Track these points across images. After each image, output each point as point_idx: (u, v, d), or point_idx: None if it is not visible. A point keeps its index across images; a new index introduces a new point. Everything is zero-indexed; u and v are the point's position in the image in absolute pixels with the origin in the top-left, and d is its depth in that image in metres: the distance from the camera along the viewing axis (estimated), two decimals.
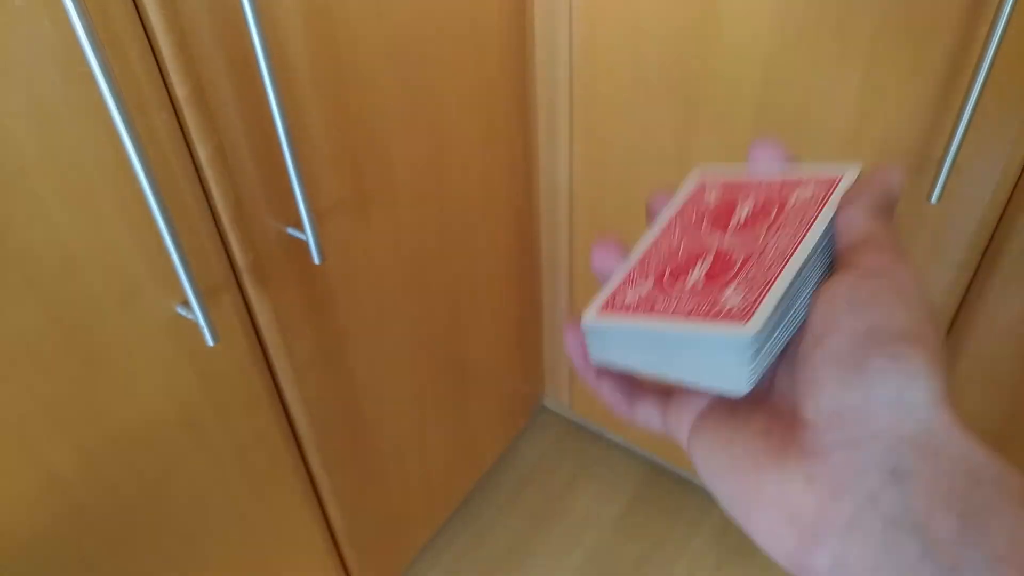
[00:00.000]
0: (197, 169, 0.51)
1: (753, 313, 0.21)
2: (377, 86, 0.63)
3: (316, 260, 0.59)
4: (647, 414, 0.26)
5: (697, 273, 0.24)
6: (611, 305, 0.25)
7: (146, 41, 0.45)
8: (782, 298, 0.22)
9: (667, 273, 0.25)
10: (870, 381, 0.18)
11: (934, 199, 0.65)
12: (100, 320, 0.49)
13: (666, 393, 0.26)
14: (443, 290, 0.83)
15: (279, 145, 0.53)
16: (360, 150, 0.64)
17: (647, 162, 0.84)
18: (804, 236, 0.23)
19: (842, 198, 0.24)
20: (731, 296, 0.22)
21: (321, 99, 0.58)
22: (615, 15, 0.75)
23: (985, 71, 0.57)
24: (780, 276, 0.22)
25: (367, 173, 0.65)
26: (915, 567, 0.16)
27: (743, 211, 0.26)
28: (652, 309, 0.24)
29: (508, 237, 0.93)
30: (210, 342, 0.53)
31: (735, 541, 1.09)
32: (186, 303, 0.52)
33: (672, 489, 1.16)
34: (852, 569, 0.17)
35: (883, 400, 0.18)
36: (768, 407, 0.22)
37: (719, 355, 0.22)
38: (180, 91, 0.48)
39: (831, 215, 0.24)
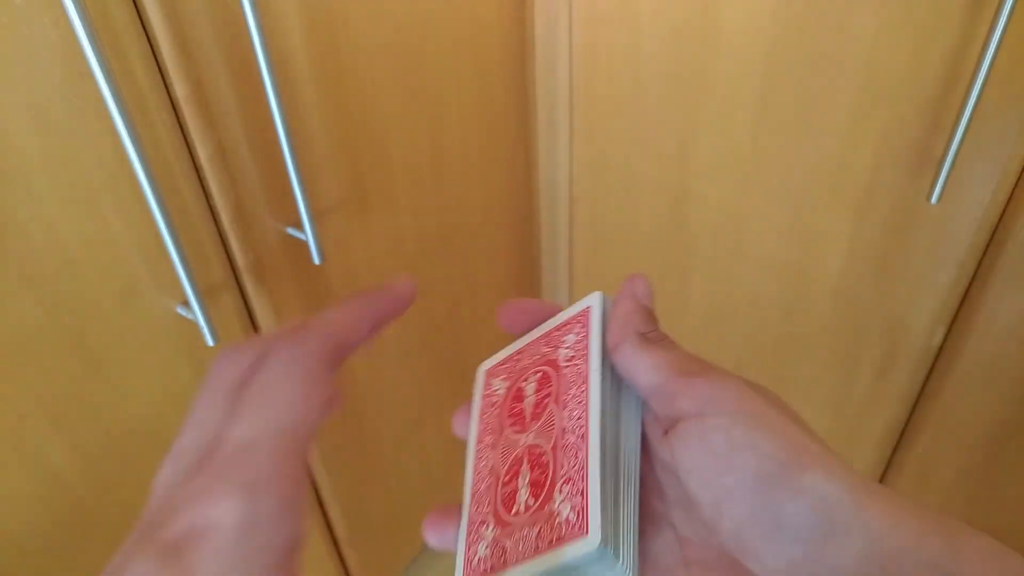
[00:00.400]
0: (197, 169, 0.51)
1: (587, 520, 0.21)
2: (377, 86, 0.63)
3: (316, 260, 0.59)
4: None
5: (523, 492, 0.24)
6: (471, 572, 0.25)
7: (146, 41, 0.45)
8: (603, 484, 0.21)
9: (499, 504, 0.25)
10: (796, 528, 0.18)
11: (934, 199, 0.65)
12: (100, 320, 0.49)
13: None
14: (443, 290, 0.83)
15: (279, 145, 0.53)
16: (360, 150, 0.64)
17: (647, 162, 0.84)
18: (587, 400, 0.23)
19: (611, 344, 0.24)
20: (561, 506, 0.22)
21: (321, 99, 0.58)
22: (615, 15, 0.75)
23: (985, 71, 0.57)
24: (589, 463, 0.22)
25: (367, 173, 0.65)
26: None
27: (529, 391, 0.27)
28: (505, 560, 0.23)
29: (508, 237, 0.93)
30: (210, 342, 0.52)
31: None
32: (186, 303, 0.52)
33: None
34: None
35: (818, 536, 0.18)
36: (700, 566, 0.22)
37: (590, 566, 0.21)
38: (180, 91, 0.48)
39: (598, 352, 0.24)
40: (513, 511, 0.24)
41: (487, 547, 0.24)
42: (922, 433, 0.85)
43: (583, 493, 0.22)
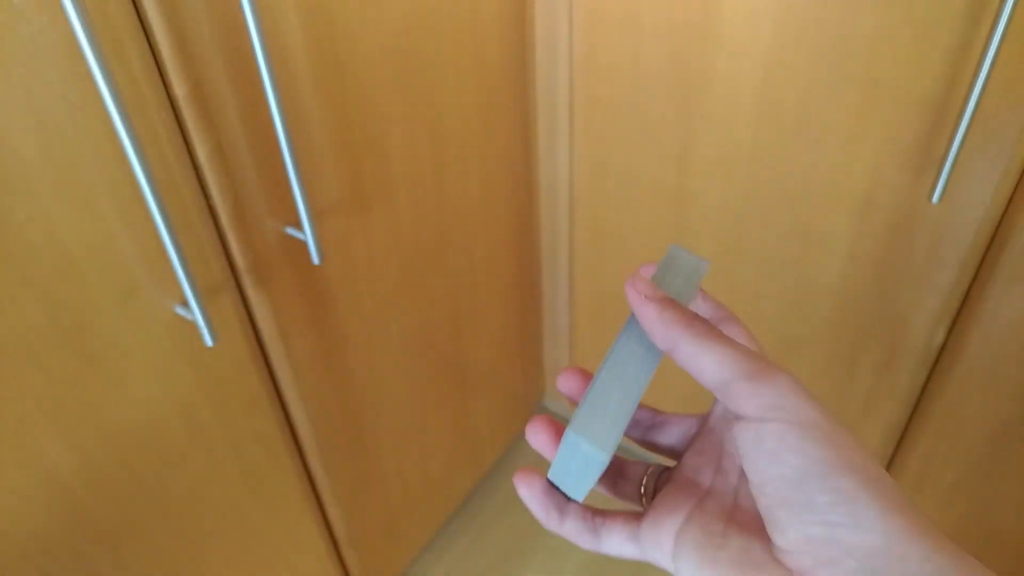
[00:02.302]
0: (196, 169, 0.51)
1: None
2: (376, 86, 0.62)
3: (315, 260, 0.59)
4: (615, 540, 0.28)
5: None
6: None
7: (145, 40, 0.45)
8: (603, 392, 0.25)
9: None
10: (824, 513, 0.21)
11: (935, 199, 0.65)
12: (98, 320, 0.49)
13: (634, 518, 0.28)
14: (443, 290, 0.83)
15: (278, 145, 0.53)
16: (359, 150, 0.64)
17: (647, 162, 0.84)
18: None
19: (669, 334, 0.25)
20: None
21: (320, 99, 0.58)
22: (615, 15, 0.75)
23: (986, 70, 0.57)
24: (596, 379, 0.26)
25: (366, 173, 0.65)
26: None
27: None
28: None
29: (508, 237, 0.93)
30: (209, 342, 0.52)
31: None
32: (185, 303, 0.52)
33: None
34: None
35: (841, 524, 0.21)
36: (739, 524, 0.25)
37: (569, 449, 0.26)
38: (179, 90, 0.48)
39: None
40: None
41: None
42: (923, 433, 0.85)
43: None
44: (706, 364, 0.24)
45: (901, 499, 0.22)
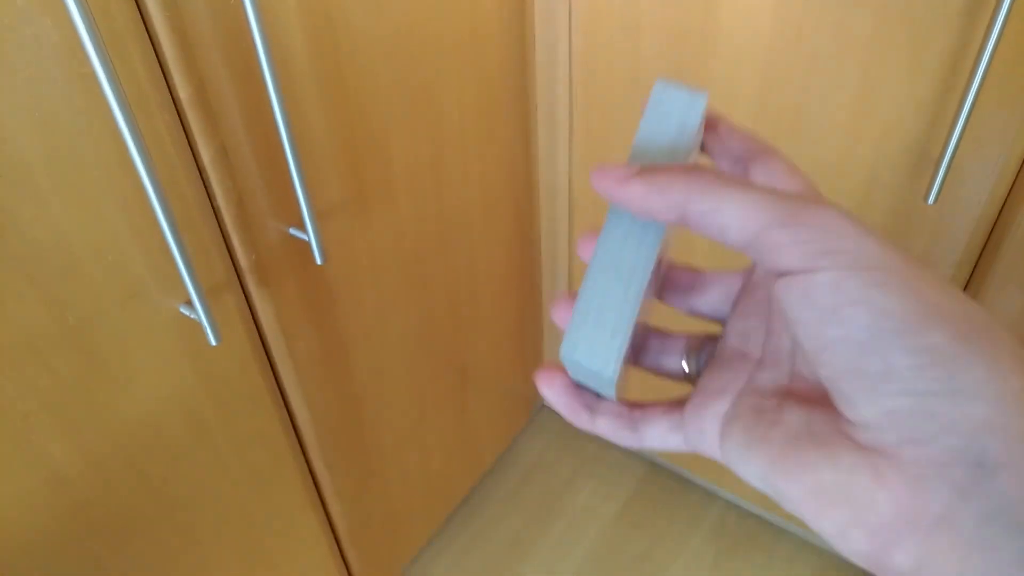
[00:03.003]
0: (199, 169, 0.51)
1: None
2: (378, 87, 0.63)
3: (318, 260, 0.60)
4: (657, 432, 0.24)
5: None
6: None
7: (148, 42, 0.45)
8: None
9: None
10: (910, 381, 0.16)
11: (931, 199, 0.65)
12: (103, 319, 0.49)
13: (676, 405, 0.24)
14: (443, 290, 0.84)
15: (281, 146, 0.53)
16: (361, 151, 0.64)
17: None
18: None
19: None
20: None
21: (322, 100, 0.58)
22: (615, 15, 0.76)
23: (983, 71, 0.57)
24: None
25: (368, 173, 0.66)
26: (1012, 568, 0.15)
27: None
28: None
29: (508, 237, 0.93)
30: (212, 341, 0.53)
31: (733, 539, 1.09)
32: (188, 303, 0.53)
33: (671, 487, 1.17)
34: (939, 570, 0.16)
35: (934, 392, 0.16)
36: (798, 396, 0.20)
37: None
38: (183, 92, 0.48)
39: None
40: None
41: None
42: None
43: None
44: (728, 220, 0.18)
45: (1018, 353, 0.16)
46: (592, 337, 0.21)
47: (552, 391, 0.24)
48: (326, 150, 0.60)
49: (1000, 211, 0.67)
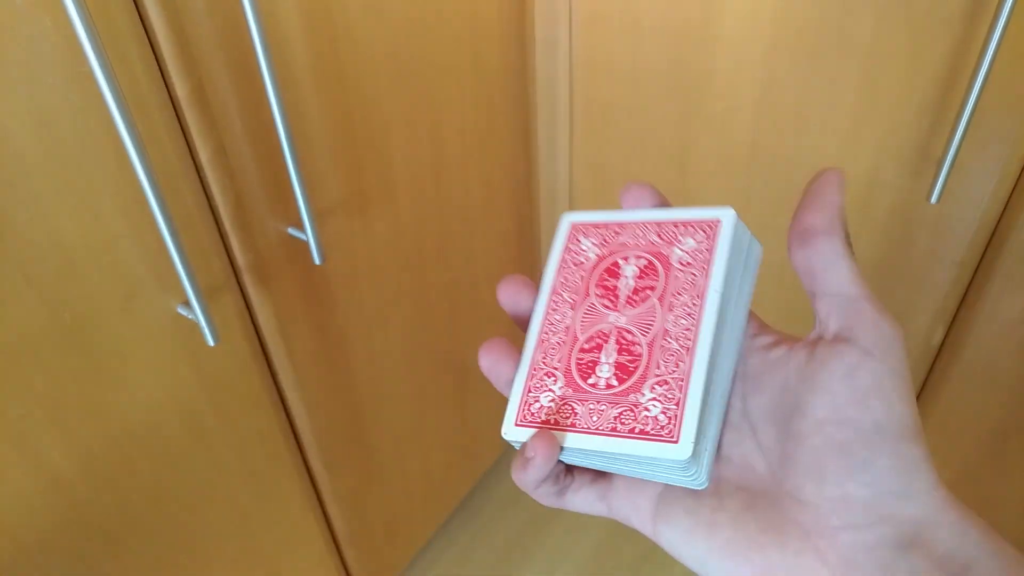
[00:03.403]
0: (197, 169, 0.51)
1: (680, 429, 0.22)
2: (377, 86, 0.63)
3: (317, 260, 0.59)
4: (581, 500, 0.25)
5: (606, 368, 0.25)
6: (527, 415, 0.25)
7: (147, 40, 0.45)
8: (702, 403, 0.22)
9: (574, 367, 0.25)
10: (879, 477, 0.20)
11: (934, 199, 0.65)
12: (101, 320, 0.49)
13: (603, 475, 0.25)
14: (443, 290, 0.83)
15: (279, 145, 0.53)
16: (360, 150, 0.64)
17: (647, 163, 0.84)
18: (700, 316, 0.24)
19: (809, 224, 0.23)
20: (651, 403, 0.23)
21: (321, 99, 0.58)
22: (615, 16, 0.76)
23: (985, 71, 0.57)
24: (692, 379, 0.23)
25: (367, 173, 0.65)
26: None
27: (628, 272, 0.26)
28: (574, 422, 0.24)
29: (508, 237, 0.93)
30: (211, 342, 0.53)
31: None
32: (187, 303, 0.52)
33: None
34: None
35: (890, 491, 0.20)
36: (740, 484, 0.23)
37: (664, 467, 0.22)
38: (181, 91, 0.48)
39: (722, 272, 0.24)
40: (590, 381, 0.25)
41: (552, 400, 0.25)
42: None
43: (679, 404, 0.22)
44: (842, 271, 0.22)
45: (934, 465, 0.21)
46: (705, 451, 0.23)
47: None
48: (325, 149, 0.60)
49: (1003, 210, 0.67)
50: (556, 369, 0.25)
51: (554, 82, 0.85)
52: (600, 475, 0.25)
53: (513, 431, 0.25)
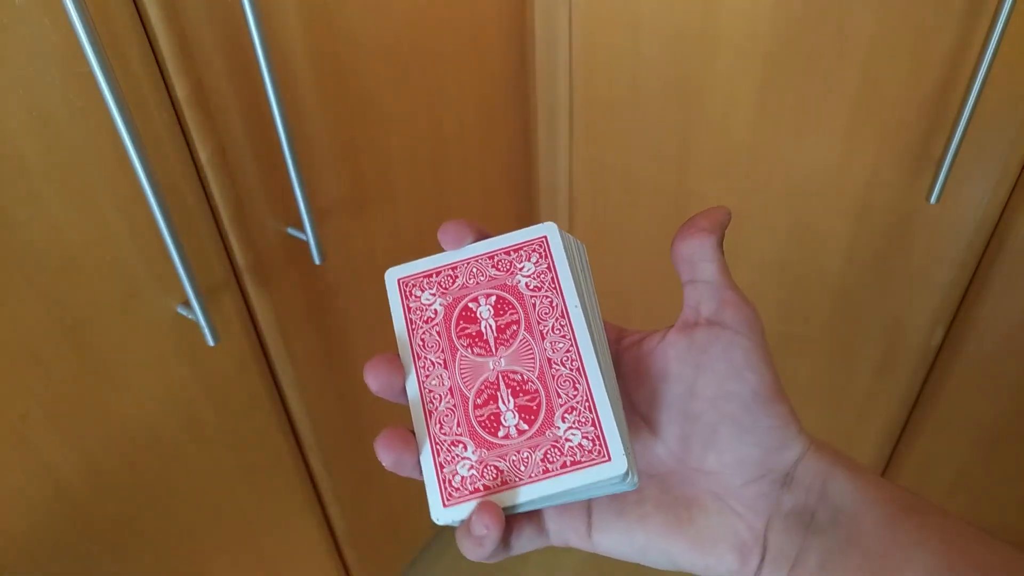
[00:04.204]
0: (197, 169, 0.51)
1: (607, 447, 0.23)
2: (377, 86, 0.63)
3: (316, 260, 0.59)
4: (524, 542, 0.25)
5: (510, 416, 0.24)
6: (452, 492, 0.24)
7: (146, 41, 0.45)
8: (614, 414, 0.24)
9: (477, 426, 0.25)
10: (762, 436, 0.24)
11: (933, 199, 0.65)
12: (100, 320, 0.49)
13: (535, 512, 0.25)
14: None
15: (279, 145, 0.53)
16: (360, 150, 0.64)
17: (647, 163, 0.84)
18: (572, 334, 0.25)
19: (698, 226, 0.25)
20: (569, 433, 0.24)
21: (321, 99, 0.58)
22: (615, 16, 0.76)
23: (984, 71, 0.57)
24: (595, 396, 0.24)
25: (367, 173, 0.66)
26: (805, 537, 0.23)
27: (485, 313, 0.26)
28: (503, 480, 0.24)
29: None
30: (211, 342, 0.53)
31: None
32: (186, 303, 0.52)
33: None
34: (776, 554, 0.24)
35: (772, 447, 0.24)
36: (649, 472, 0.25)
37: (605, 485, 0.23)
38: (180, 91, 0.48)
39: (571, 286, 0.25)
40: (501, 434, 0.24)
41: (471, 467, 0.24)
42: (921, 433, 0.85)
43: (595, 424, 0.24)
44: (714, 264, 0.25)
45: (796, 416, 0.25)
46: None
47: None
48: (325, 149, 0.60)
49: (1003, 210, 0.67)
50: (460, 436, 0.25)
51: (554, 82, 0.85)
52: (531, 513, 0.25)
53: (445, 513, 0.24)
